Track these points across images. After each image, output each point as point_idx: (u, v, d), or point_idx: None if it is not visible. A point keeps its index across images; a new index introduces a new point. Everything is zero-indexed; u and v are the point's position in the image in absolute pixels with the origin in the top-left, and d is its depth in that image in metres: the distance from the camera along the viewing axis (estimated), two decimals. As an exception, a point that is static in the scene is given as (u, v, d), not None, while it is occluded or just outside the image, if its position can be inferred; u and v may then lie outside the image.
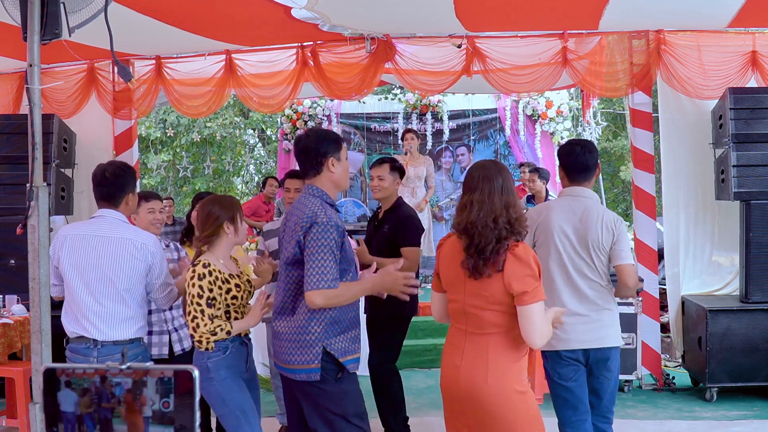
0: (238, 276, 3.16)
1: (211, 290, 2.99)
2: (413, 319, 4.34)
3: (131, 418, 1.52)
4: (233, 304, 3.09)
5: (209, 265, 3.03)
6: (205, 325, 2.97)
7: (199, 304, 2.98)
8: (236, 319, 3.10)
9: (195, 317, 2.98)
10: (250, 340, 3.23)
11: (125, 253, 3.15)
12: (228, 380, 3.03)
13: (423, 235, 7.39)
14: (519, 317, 2.48)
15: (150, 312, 3.69)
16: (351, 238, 3.53)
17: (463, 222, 2.56)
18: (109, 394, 1.52)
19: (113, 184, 3.23)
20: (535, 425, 2.57)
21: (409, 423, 4.38)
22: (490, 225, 2.49)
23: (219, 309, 3.03)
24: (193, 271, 3.02)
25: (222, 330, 3.00)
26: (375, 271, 3.12)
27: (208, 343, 2.98)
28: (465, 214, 2.56)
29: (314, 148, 2.90)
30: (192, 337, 3.03)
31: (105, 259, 3.14)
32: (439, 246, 2.81)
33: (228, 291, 3.06)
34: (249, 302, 3.23)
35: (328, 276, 2.70)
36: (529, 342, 2.49)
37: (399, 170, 4.30)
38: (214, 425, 3.99)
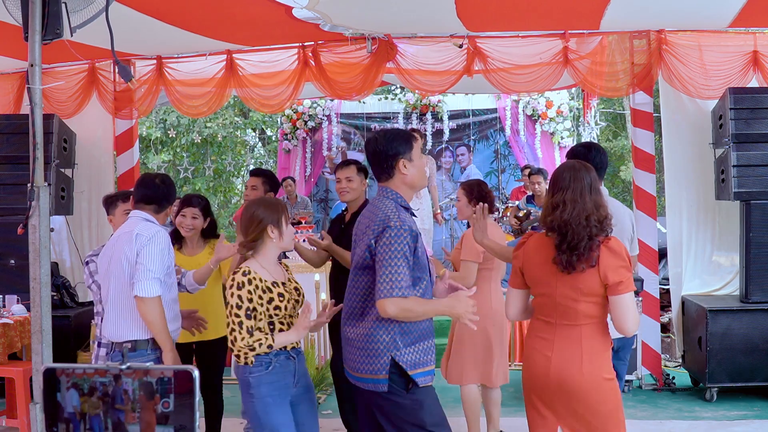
0: (284, 284, 2.95)
1: (250, 300, 2.79)
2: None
3: (131, 418, 1.52)
4: (276, 315, 2.86)
5: (249, 272, 2.84)
6: (243, 338, 2.76)
7: (237, 316, 2.77)
8: (281, 330, 2.89)
9: (233, 330, 2.77)
10: (299, 352, 3.00)
11: (122, 247, 3.14)
12: (267, 399, 2.83)
13: (424, 235, 7.44)
14: (612, 306, 2.62)
15: None
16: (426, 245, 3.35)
17: (556, 220, 2.66)
18: (110, 394, 1.52)
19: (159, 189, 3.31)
20: (620, 410, 2.72)
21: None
22: (582, 223, 2.62)
23: (261, 320, 2.83)
24: (233, 280, 2.82)
25: (262, 344, 2.78)
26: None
27: (246, 357, 2.79)
28: (558, 212, 2.67)
29: (383, 150, 2.78)
30: (231, 350, 2.82)
31: (113, 258, 3.17)
32: (519, 245, 2.87)
33: (270, 300, 2.85)
34: (297, 311, 3.01)
35: (401, 283, 2.59)
36: (623, 329, 2.62)
37: (365, 171, 4.23)
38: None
